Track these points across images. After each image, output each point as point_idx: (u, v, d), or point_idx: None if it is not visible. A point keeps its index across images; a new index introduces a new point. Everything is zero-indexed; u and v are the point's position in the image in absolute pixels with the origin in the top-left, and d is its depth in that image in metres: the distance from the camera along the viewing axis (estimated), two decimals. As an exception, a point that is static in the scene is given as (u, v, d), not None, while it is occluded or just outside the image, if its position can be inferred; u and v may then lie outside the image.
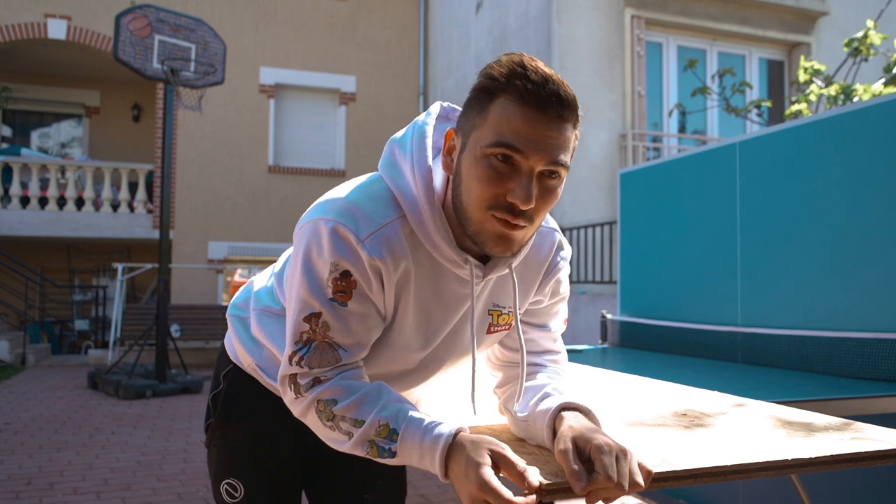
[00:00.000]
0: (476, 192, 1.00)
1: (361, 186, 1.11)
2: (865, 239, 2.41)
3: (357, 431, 1.03)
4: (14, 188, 10.46)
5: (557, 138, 0.98)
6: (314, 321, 1.06)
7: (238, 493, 1.31)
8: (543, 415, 1.08)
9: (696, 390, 1.83)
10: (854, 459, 1.11)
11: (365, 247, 1.03)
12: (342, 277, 1.04)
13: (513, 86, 0.96)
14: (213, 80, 7.47)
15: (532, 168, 0.98)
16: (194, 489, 3.84)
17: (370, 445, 1.03)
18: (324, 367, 1.07)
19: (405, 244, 1.07)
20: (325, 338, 1.06)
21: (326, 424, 1.06)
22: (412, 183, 1.08)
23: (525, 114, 0.96)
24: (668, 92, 8.38)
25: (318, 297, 1.05)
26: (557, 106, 0.96)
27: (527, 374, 1.24)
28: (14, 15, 10.48)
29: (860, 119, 2.46)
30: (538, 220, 1.03)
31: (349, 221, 1.04)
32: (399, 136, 1.15)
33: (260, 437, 1.32)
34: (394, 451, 1.01)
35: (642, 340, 3.50)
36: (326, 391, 1.06)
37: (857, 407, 1.98)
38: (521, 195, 0.97)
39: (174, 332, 9.07)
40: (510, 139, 0.96)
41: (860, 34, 5.82)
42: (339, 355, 1.07)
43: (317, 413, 1.07)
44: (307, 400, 1.07)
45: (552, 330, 1.29)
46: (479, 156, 0.99)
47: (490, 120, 0.98)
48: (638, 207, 3.73)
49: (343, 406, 1.04)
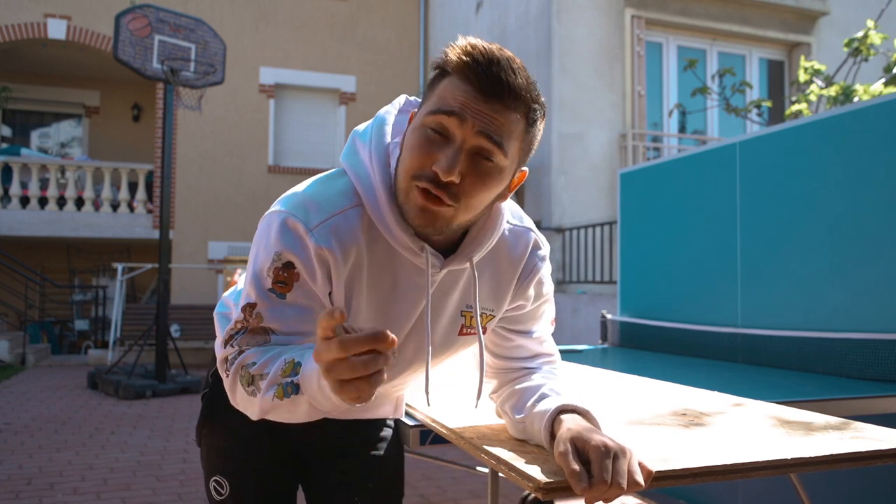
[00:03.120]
0: (406, 161, 1.01)
1: (321, 179, 1.12)
2: (865, 239, 2.41)
3: (267, 380, 0.99)
4: (14, 188, 10.46)
5: (495, 119, 0.98)
6: (248, 311, 1.05)
7: (224, 491, 1.32)
8: (541, 416, 1.08)
9: (696, 390, 1.83)
10: (854, 459, 1.10)
11: (313, 236, 1.02)
12: (284, 268, 1.03)
13: (462, 64, 0.98)
14: (212, 80, 7.47)
15: (463, 140, 0.97)
16: (194, 489, 3.84)
17: (276, 388, 0.97)
18: (251, 345, 1.04)
19: (359, 234, 1.06)
20: (258, 327, 1.04)
21: (248, 391, 1.01)
22: (369, 168, 1.08)
23: (466, 89, 0.97)
24: (668, 92, 8.38)
25: (256, 288, 1.04)
26: (499, 88, 0.97)
27: (520, 376, 1.23)
28: (14, 15, 10.47)
29: (860, 119, 2.45)
30: (468, 202, 1.00)
31: (299, 212, 1.04)
32: (361, 128, 1.16)
33: (242, 436, 1.33)
34: (296, 383, 0.95)
35: (642, 340, 3.50)
36: (248, 356, 1.03)
37: (857, 407, 1.97)
38: (443, 164, 0.96)
39: (174, 332, 9.07)
40: (445, 106, 0.97)
41: (860, 34, 5.82)
42: (270, 338, 1.04)
43: (241, 384, 1.02)
44: (233, 372, 1.04)
45: (538, 334, 1.26)
46: (417, 126, 1.01)
47: (435, 95, 1.00)
48: (638, 207, 3.73)
49: (260, 363, 1.01)
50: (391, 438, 1.44)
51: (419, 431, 1.50)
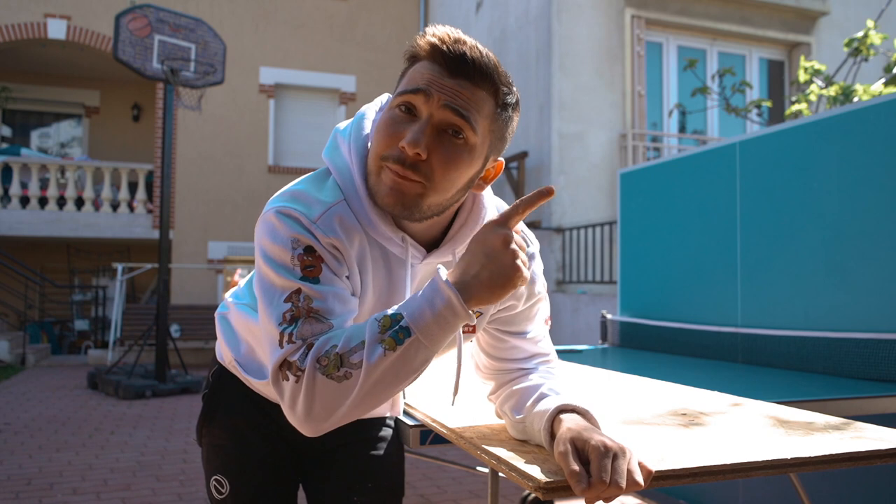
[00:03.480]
0: (375, 143, 1.02)
1: (307, 178, 1.12)
2: (865, 239, 2.41)
3: (367, 346, 0.94)
4: (14, 188, 10.46)
5: (461, 93, 0.99)
6: (295, 298, 0.99)
7: (224, 489, 1.33)
8: (541, 416, 1.08)
9: (695, 390, 1.83)
10: (854, 459, 1.10)
11: (319, 227, 1.02)
12: (306, 253, 1.00)
13: (430, 47, 1.00)
14: (212, 80, 7.47)
15: (430, 115, 0.98)
16: (194, 489, 3.84)
17: (384, 343, 0.93)
18: (316, 334, 0.98)
19: (357, 223, 1.07)
20: (311, 311, 0.98)
21: (339, 375, 0.93)
22: (348, 160, 1.09)
23: (432, 68, 1.00)
24: (668, 92, 8.38)
25: (291, 278, 0.99)
26: (463, 64, 0.98)
27: (517, 377, 1.23)
28: (14, 15, 10.48)
29: (860, 119, 2.45)
30: (437, 180, 0.99)
31: (298, 205, 1.03)
32: (343, 126, 1.17)
33: (242, 435, 1.33)
34: (406, 325, 0.93)
35: (642, 340, 3.50)
36: (322, 344, 0.96)
37: (857, 407, 1.97)
38: (409, 138, 0.97)
39: (174, 332, 9.07)
40: (411, 86, 1.00)
41: (860, 34, 5.82)
42: (332, 323, 0.99)
43: (326, 376, 0.93)
44: (309, 370, 0.94)
45: (533, 335, 1.25)
46: (386, 109, 1.03)
47: (405, 80, 1.03)
48: (638, 207, 3.73)
49: (343, 341, 0.95)
50: (391, 438, 1.44)
51: (419, 431, 1.50)
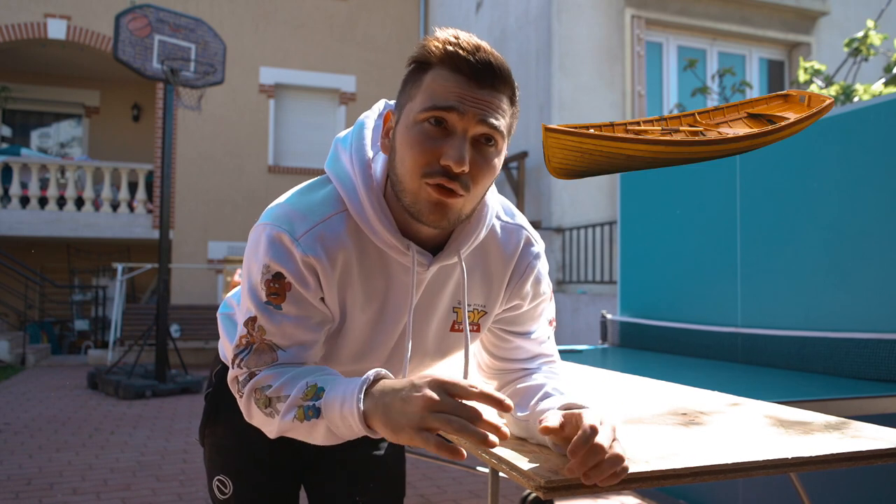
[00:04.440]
0: (409, 160, 1.00)
1: (304, 188, 1.13)
2: (865, 239, 2.41)
3: (287, 402, 1.01)
4: (14, 188, 10.46)
5: (490, 103, 0.99)
6: (251, 325, 1.07)
7: (228, 490, 1.33)
8: (543, 415, 1.08)
9: (695, 390, 1.83)
10: (854, 458, 1.11)
11: (299, 245, 1.04)
12: (275, 279, 1.05)
13: (446, 54, 0.99)
14: (212, 80, 7.47)
15: (465, 130, 0.98)
16: (194, 489, 3.84)
17: (297, 410, 1.00)
18: (260, 366, 1.06)
19: (346, 239, 1.07)
20: (263, 341, 1.06)
21: (265, 412, 1.04)
22: (350, 171, 1.09)
23: (458, 79, 0.98)
24: (668, 92, 8.38)
25: (254, 301, 1.06)
26: (489, 73, 0.98)
27: (520, 376, 1.23)
28: (14, 15, 10.48)
29: (860, 119, 2.46)
30: (476, 191, 1.02)
31: (284, 223, 1.05)
32: (342, 135, 1.17)
33: (247, 435, 1.32)
34: (318, 406, 0.98)
35: (642, 340, 3.50)
36: (261, 379, 1.05)
37: (857, 407, 1.98)
38: (454, 156, 0.97)
39: (174, 332, 9.07)
40: (442, 102, 0.98)
41: (860, 34, 5.82)
42: (277, 356, 1.07)
43: (256, 405, 1.05)
44: (246, 394, 1.06)
45: (537, 335, 1.26)
46: (411, 123, 1.01)
47: (423, 89, 1.00)
48: (638, 207, 3.73)
49: (276, 386, 1.03)
50: None
51: (419, 431, 1.50)
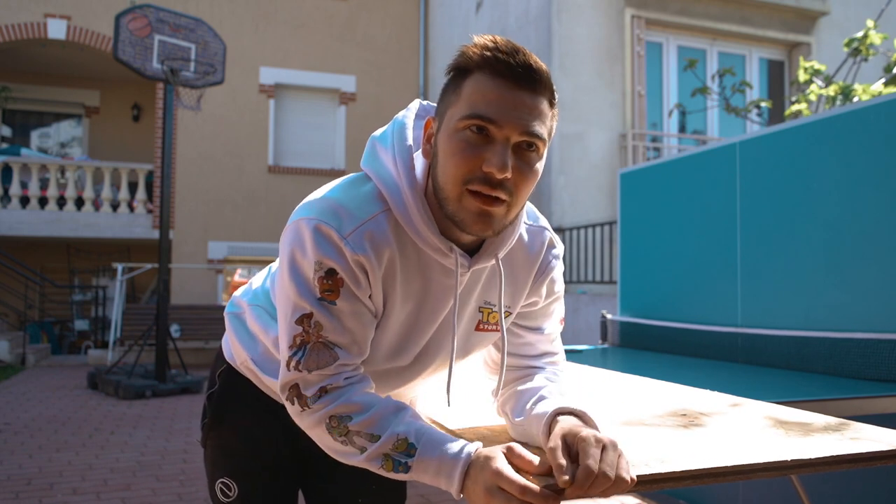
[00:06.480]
0: (451, 167, 1.00)
1: (344, 184, 1.11)
2: (865, 239, 2.41)
3: (372, 446, 1.02)
4: (14, 188, 10.46)
5: (532, 109, 0.98)
6: (306, 322, 1.04)
7: (232, 493, 1.32)
8: (539, 419, 1.08)
9: (695, 390, 1.83)
10: (854, 460, 1.10)
11: (348, 243, 1.02)
12: (328, 276, 1.03)
13: (485, 60, 0.98)
14: (212, 80, 7.46)
15: (507, 137, 0.98)
16: (194, 489, 3.84)
17: (385, 459, 1.01)
18: (322, 367, 1.04)
19: (391, 238, 1.06)
20: (320, 338, 1.04)
21: (338, 440, 1.04)
22: (394, 172, 1.08)
23: (498, 84, 0.98)
24: (668, 92, 8.38)
25: (308, 298, 1.04)
26: (529, 77, 0.98)
27: (524, 376, 1.24)
28: (14, 15, 10.47)
29: (860, 119, 2.45)
30: (519, 197, 1.02)
31: (331, 219, 1.03)
32: (379, 133, 1.16)
33: (253, 437, 1.32)
34: (409, 465, 1.00)
35: (642, 340, 3.50)
36: (340, 407, 1.04)
37: (857, 407, 1.97)
38: (496, 163, 0.96)
39: (174, 332, 9.06)
40: (483, 110, 0.97)
41: (860, 34, 5.82)
42: (337, 354, 1.05)
43: (328, 429, 1.05)
44: (317, 415, 1.05)
45: (548, 332, 1.27)
46: (452, 131, 1.00)
47: (464, 95, 1.00)
48: (638, 207, 3.73)
49: (359, 422, 1.03)
50: None
51: (419, 432, 1.50)
